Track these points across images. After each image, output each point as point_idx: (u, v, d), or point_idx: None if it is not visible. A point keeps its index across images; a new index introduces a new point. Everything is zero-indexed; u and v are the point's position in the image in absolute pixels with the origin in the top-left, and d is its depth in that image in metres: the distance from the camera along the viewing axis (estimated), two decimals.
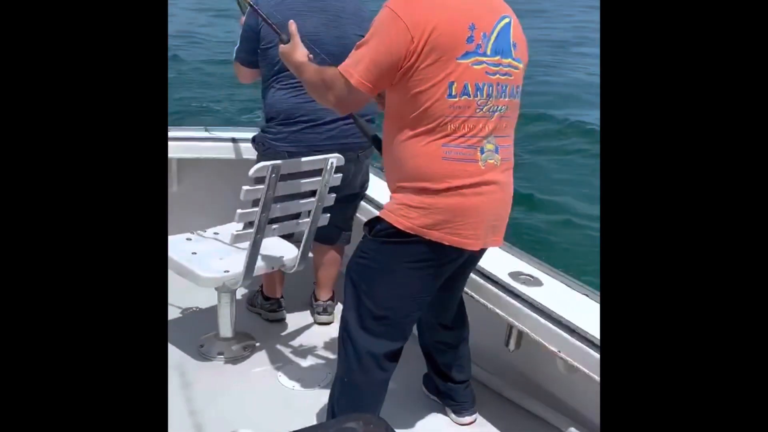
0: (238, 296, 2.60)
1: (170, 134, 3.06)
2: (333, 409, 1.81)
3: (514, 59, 1.62)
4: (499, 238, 1.72)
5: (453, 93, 1.52)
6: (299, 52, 1.74)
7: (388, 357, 1.74)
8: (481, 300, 2.08)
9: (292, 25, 1.79)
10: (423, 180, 1.58)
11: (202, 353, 2.42)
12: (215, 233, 2.47)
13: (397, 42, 1.49)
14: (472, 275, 2.03)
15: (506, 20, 1.60)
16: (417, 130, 1.56)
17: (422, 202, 1.58)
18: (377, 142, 1.83)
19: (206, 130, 3.16)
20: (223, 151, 3.05)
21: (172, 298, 2.74)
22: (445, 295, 1.84)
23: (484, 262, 2.00)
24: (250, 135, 3.06)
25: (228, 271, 2.21)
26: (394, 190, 1.66)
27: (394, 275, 1.67)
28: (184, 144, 3.03)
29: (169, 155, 3.01)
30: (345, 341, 1.75)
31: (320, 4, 2.29)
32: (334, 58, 1.81)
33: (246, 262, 2.17)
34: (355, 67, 1.54)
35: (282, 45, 1.79)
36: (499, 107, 1.60)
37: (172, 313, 2.69)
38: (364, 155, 2.44)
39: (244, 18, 2.39)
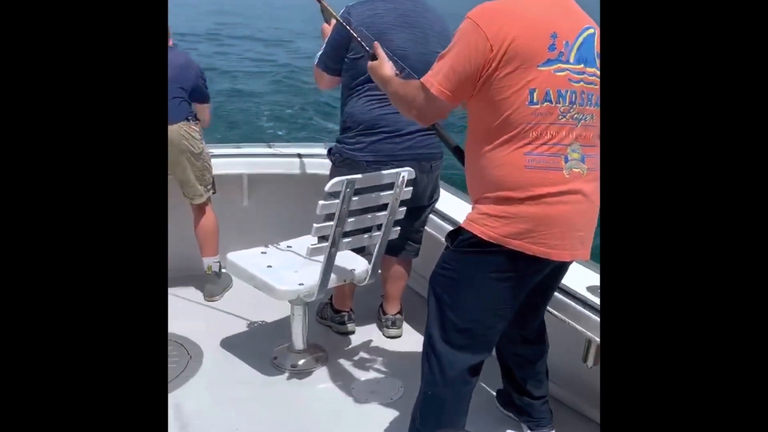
0: None
1: (241, 150, 3.17)
2: (416, 423, 1.80)
3: (598, 69, 1.60)
4: (586, 252, 1.69)
5: (534, 100, 1.53)
6: (387, 67, 1.79)
7: (471, 370, 1.72)
8: (559, 315, 2.05)
9: (378, 47, 1.83)
10: (505, 189, 1.57)
11: (275, 365, 2.45)
12: (288, 246, 2.51)
13: (476, 51, 1.52)
14: None
15: (590, 31, 1.60)
16: (499, 139, 1.56)
17: (504, 211, 1.57)
18: (459, 153, 1.83)
19: (269, 146, 3.25)
20: (289, 166, 3.12)
21: (243, 310, 2.82)
22: (528, 307, 1.82)
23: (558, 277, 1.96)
24: (314, 150, 3.15)
25: (302, 284, 2.25)
26: (476, 200, 1.66)
27: (477, 286, 1.66)
28: (254, 160, 3.12)
29: (241, 171, 3.11)
30: (428, 354, 1.74)
31: (410, 21, 2.32)
32: (418, 74, 1.84)
33: (321, 275, 2.21)
34: (435, 76, 1.58)
35: (370, 61, 1.83)
36: (585, 116, 1.59)
37: (244, 326, 2.75)
38: (436, 165, 2.46)
39: (327, 25, 2.42)
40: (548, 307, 2.03)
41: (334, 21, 2.35)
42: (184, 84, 2.78)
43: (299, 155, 3.12)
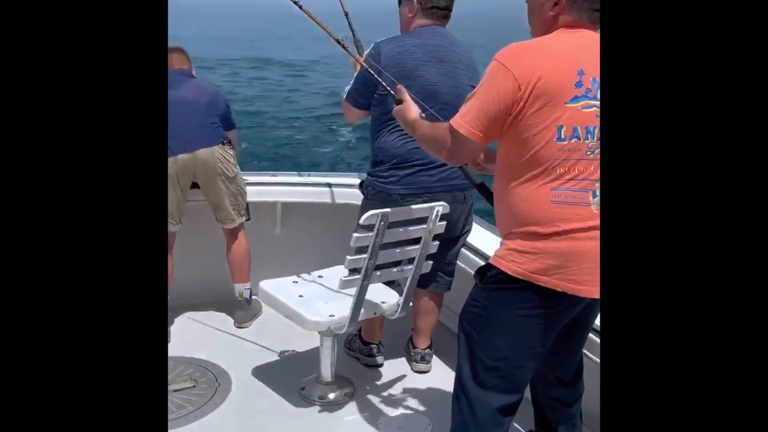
0: None
1: (275, 179, 3.21)
2: None
3: None
4: None
5: (562, 136, 1.53)
6: (413, 110, 1.82)
7: (503, 411, 1.68)
8: (593, 357, 2.00)
9: (402, 90, 1.87)
10: (531, 224, 1.57)
11: (303, 396, 2.44)
12: (320, 276, 2.52)
13: (504, 90, 1.53)
14: None
15: None
16: (527, 175, 1.57)
17: (532, 246, 1.57)
18: (483, 190, 1.84)
19: (303, 175, 3.29)
20: (323, 195, 3.15)
21: (272, 339, 2.82)
22: (564, 347, 1.78)
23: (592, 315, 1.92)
24: (347, 180, 3.17)
25: (333, 316, 2.24)
26: (505, 236, 1.66)
27: (505, 323, 1.64)
28: (288, 189, 3.16)
29: (275, 199, 3.14)
30: (458, 393, 1.71)
31: (439, 56, 2.36)
32: (450, 108, 1.86)
33: (352, 308, 2.20)
34: (464, 117, 1.59)
35: (396, 105, 1.86)
36: None
37: (273, 354, 2.75)
38: (469, 195, 2.47)
39: (357, 56, 2.47)
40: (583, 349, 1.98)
41: (363, 55, 2.39)
42: (217, 111, 2.90)
43: (332, 185, 3.16)
